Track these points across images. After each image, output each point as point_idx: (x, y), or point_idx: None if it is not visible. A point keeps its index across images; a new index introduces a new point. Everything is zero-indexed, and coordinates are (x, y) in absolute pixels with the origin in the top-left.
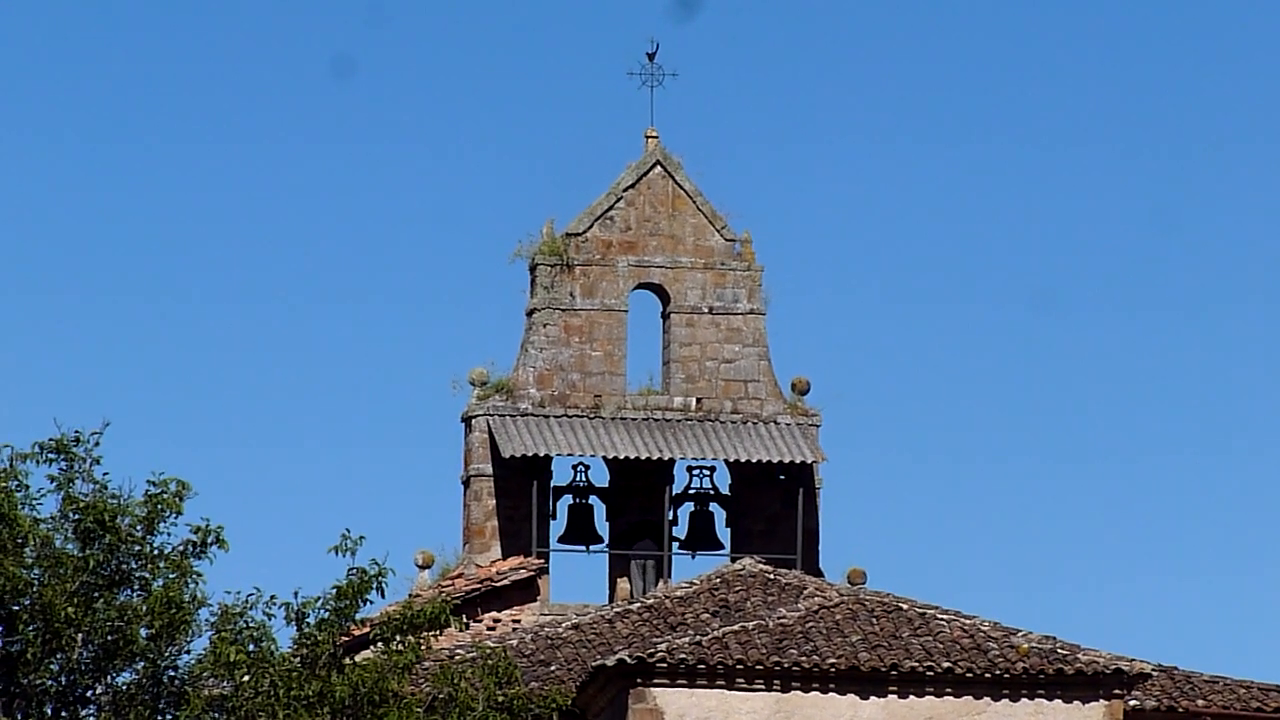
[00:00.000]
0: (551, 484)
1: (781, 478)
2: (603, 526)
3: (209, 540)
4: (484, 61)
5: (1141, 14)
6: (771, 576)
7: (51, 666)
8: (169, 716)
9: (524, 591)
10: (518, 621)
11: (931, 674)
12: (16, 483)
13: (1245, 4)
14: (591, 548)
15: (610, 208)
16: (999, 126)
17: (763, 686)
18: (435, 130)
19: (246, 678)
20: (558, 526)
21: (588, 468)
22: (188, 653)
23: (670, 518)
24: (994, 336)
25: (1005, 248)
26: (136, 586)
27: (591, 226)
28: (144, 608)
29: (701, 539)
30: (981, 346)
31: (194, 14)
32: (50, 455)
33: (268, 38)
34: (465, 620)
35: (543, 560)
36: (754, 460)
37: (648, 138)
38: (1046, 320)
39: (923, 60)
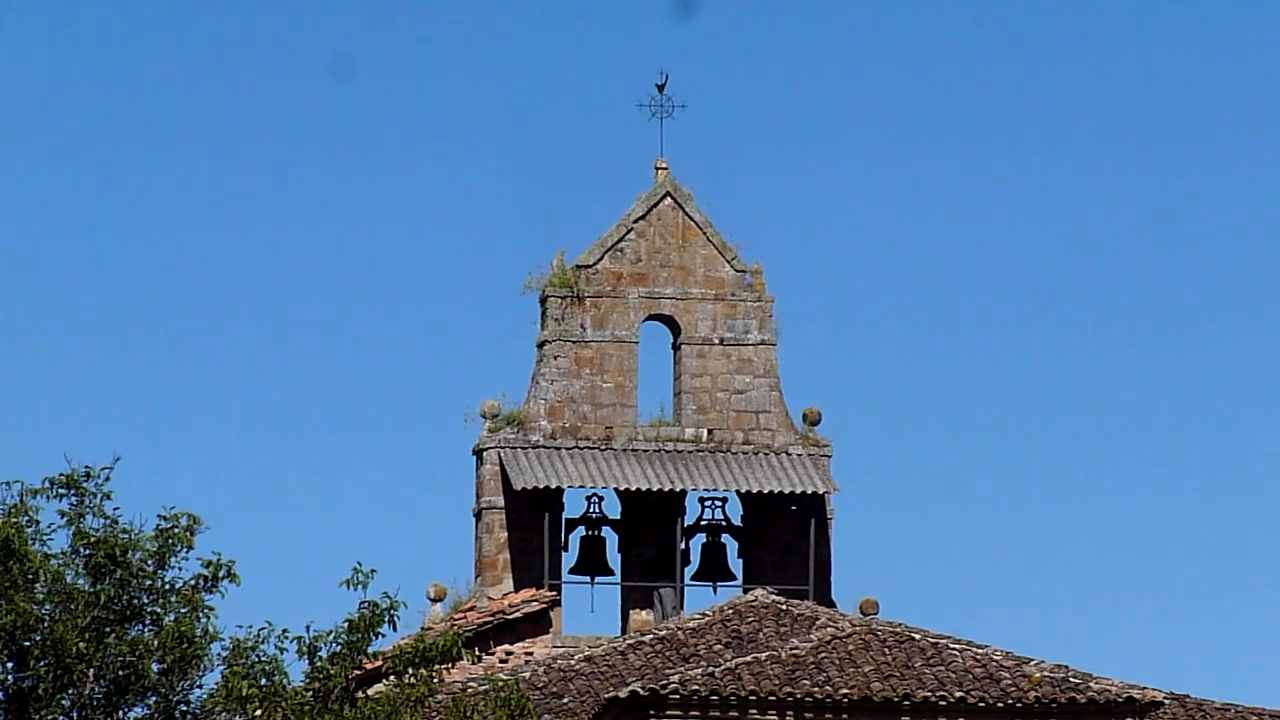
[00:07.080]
0: (563, 516)
1: (793, 508)
2: (614, 558)
3: (220, 574)
4: (494, 94)
5: (1142, 16)
6: (784, 607)
7: (63, 702)
8: None
9: (536, 624)
10: (530, 654)
11: (944, 704)
12: (27, 518)
13: (1245, 4)
14: (601, 579)
15: (620, 239)
16: (1014, 157)
17: (775, 717)
18: (446, 164)
19: (259, 712)
20: (570, 558)
21: (600, 499)
22: (199, 687)
23: (683, 547)
24: (1006, 367)
25: (1018, 276)
26: (148, 621)
27: (602, 258)
28: (155, 642)
29: (714, 570)
30: (993, 376)
31: (192, 15)
32: (61, 490)
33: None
34: (477, 653)
35: (555, 592)
36: (766, 491)
37: (657, 169)
38: (1058, 350)
39: (934, 91)
